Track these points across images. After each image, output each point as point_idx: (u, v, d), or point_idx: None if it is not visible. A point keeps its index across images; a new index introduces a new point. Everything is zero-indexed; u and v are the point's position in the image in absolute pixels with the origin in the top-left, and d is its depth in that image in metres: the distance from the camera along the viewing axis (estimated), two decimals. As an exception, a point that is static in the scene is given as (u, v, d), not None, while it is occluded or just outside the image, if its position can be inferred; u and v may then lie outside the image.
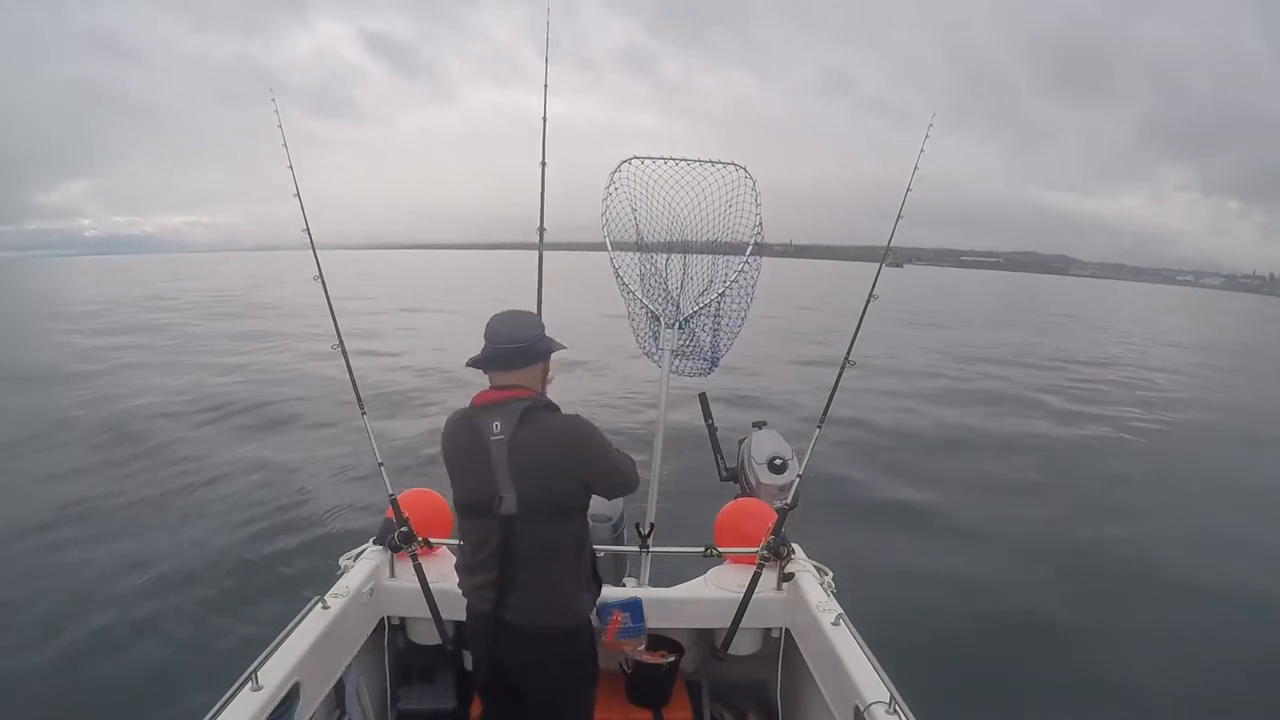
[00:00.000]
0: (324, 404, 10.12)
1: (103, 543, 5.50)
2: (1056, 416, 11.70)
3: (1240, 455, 10.18)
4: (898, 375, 14.27)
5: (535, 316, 2.08)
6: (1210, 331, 38.25)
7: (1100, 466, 9.01)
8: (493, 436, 1.87)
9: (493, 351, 1.94)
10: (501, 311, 2.03)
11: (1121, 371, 17.56)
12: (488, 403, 1.93)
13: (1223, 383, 17.31)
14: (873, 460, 8.52)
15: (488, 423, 1.89)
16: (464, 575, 2.04)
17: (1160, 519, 7.13)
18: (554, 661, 1.97)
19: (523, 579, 1.91)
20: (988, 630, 4.75)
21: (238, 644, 3.98)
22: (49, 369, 13.46)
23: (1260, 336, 36.34)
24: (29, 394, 11.21)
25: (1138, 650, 4.61)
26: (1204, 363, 21.41)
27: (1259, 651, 4.60)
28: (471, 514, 1.96)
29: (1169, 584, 5.59)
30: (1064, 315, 39.52)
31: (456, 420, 1.99)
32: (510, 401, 1.90)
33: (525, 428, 1.87)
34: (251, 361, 14.67)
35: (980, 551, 6.07)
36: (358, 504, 6.26)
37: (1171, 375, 17.83)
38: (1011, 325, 30.78)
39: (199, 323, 22.43)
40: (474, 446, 1.90)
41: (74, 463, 7.62)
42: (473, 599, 2.00)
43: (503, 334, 1.95)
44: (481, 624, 1.98)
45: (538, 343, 1.99)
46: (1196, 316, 54.50)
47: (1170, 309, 62.29)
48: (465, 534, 2.02)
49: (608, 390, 11.74)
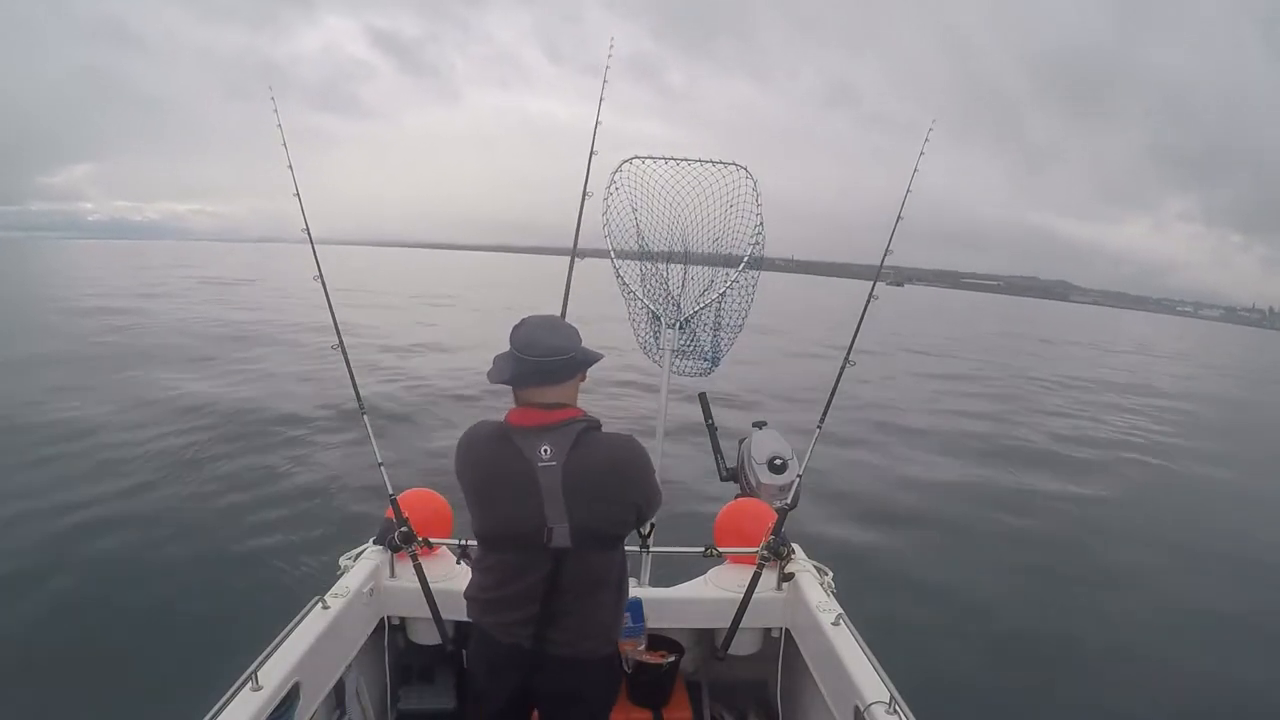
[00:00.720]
0: (324, 404, 10.12)
1: (101, 543, 5.49)
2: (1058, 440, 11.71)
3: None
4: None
5: (572, 325, 1.85)
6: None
7: (1108, 476, 9.02)
8: (541, 463, 1.68)
9: (536, 365, 1.70)
10: (534, 318, 1.79)
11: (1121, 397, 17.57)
12: (536, 425, 1.71)
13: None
14: (872, 466, 8.53)
15: (534, 447, 1.69)
16: (487, 610, 1.83)
17: (1161, 522, 7.14)
18: (593, 687, 1.87)
19: (566, 612, 1.75)
20: (989, 631, 4.76)
21: (238, 644, 3.97)
22: (39, 355, 13.40)
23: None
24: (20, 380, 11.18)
25: (1138, 651, 4.62)
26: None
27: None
28: (508, 547, 1.77)
29: (1168, 589, 5.60)
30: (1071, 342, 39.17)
31: (488, 439, 1.77)
32: (566, 424, 1.71)
33: (580, 452, 1.69)
34: (250, 361, 14.66)
35: (981, 552, 6.08)
36: (357, 504, 6.26)
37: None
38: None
39: (194, 309, 22.41)
40: (516, 473, 1.69)
41: (64, 457, 7.61)
42: (500, 634, 1.80)
43: (547, 345, 1.71)
44: (514, 657, 1.79)
45: (580, 353, 1.76)
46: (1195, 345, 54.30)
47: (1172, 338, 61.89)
48: (491, 567, 1.82)
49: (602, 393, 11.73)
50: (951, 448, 9.66)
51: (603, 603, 1.82)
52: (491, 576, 1.82)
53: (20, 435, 8.09)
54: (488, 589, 1.83)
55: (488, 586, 1.83)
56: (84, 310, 21.16)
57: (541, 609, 1.74)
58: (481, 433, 1.80)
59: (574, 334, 1.79)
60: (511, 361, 1.72)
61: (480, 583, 1.86)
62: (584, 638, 1.80)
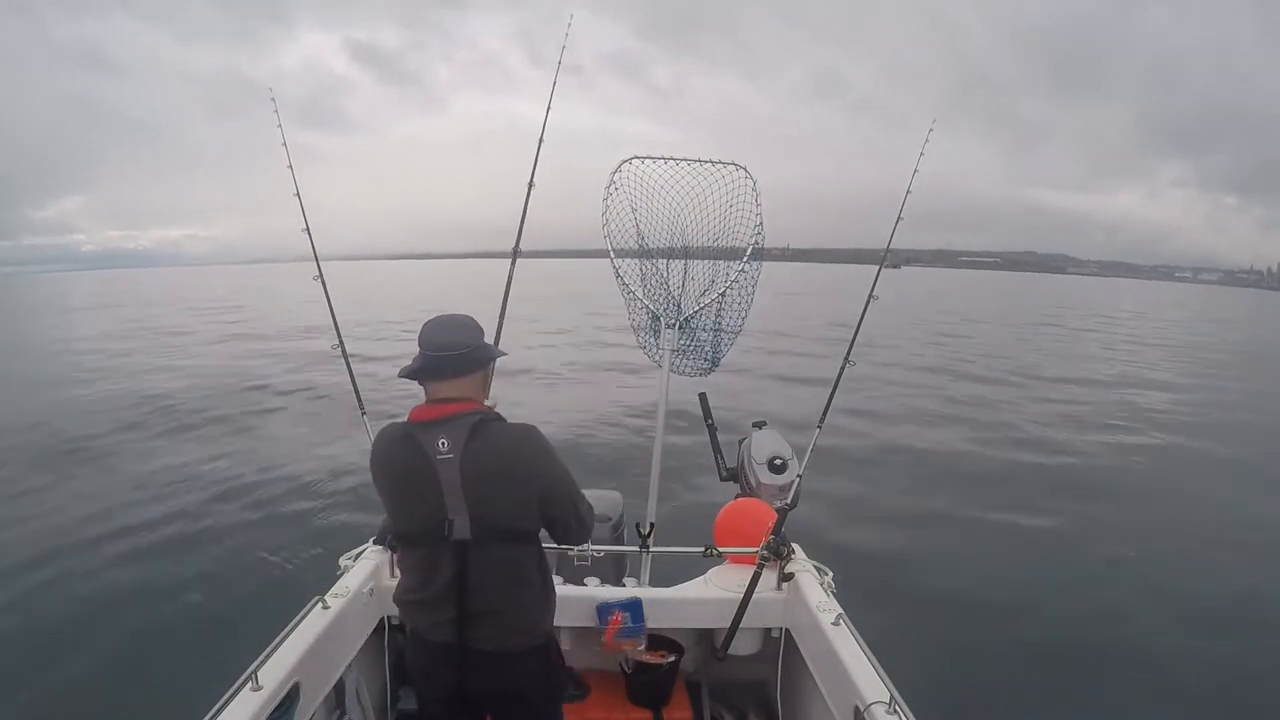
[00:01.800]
0: (324, 404, 10.13)
1: (100, 544, 5.49)
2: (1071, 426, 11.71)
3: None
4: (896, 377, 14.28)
5: (472, 320, 1.86)
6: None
7: (1107, 475, 9.01)
8: (439, 455, 1.70)
9: (429, 360, 1.75)
10: (436, 317, 1.85)
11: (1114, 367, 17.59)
12: (430, 419, 1.74)
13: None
14: (873, 463, 8.53)
15: (431, 440, 1.71)
16: (414, 611, 1.85)
17: (1167, 517, 7.14)
18: (528, 680, 1.86)
19: (485, 611, 1.76)
20: (989, 631, 4.76)
21: (238, 644, 3.98)
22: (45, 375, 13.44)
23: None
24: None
25: (1137, 653, 4.61)
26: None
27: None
28: (417, 543, 1.80)
29: (1168, 585, 5.59)
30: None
31: (391, 439, 1.80)
32: (457, 416, 1.73)
33: (476, 443, 1.71)
34: (250, 362, 14.68)
35: (980, 552, 6.08)
36: (358, 504, 6.26)
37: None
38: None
39: (196, 324, 22.45)
40: (418, 469, 1.72)
41: (61, 463, 7.62)
42: (428, 633, 1.83)
43: (439, 341, 1.76)
44: (443, 655, 1.81)
45: (478, 349, 1.80)
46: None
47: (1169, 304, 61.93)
48: (412, 566, 1.84)
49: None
50: (952, 448, 9.65)
51: (524, 604, 1.82)
52: (413, 576, 1.84)
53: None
54: (412, 590, 1.84)
55: (412, 587, 1.84)
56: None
57: (457, 611, 1.76)
58: (388, 434, 1.83)
59: (474, 330, 1.83)
60: (418, 358, 1.78)
61: (405, 584, 1.88)
62: (509, 634, 1.81)
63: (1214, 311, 49.52)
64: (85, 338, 21.19)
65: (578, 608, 2.47)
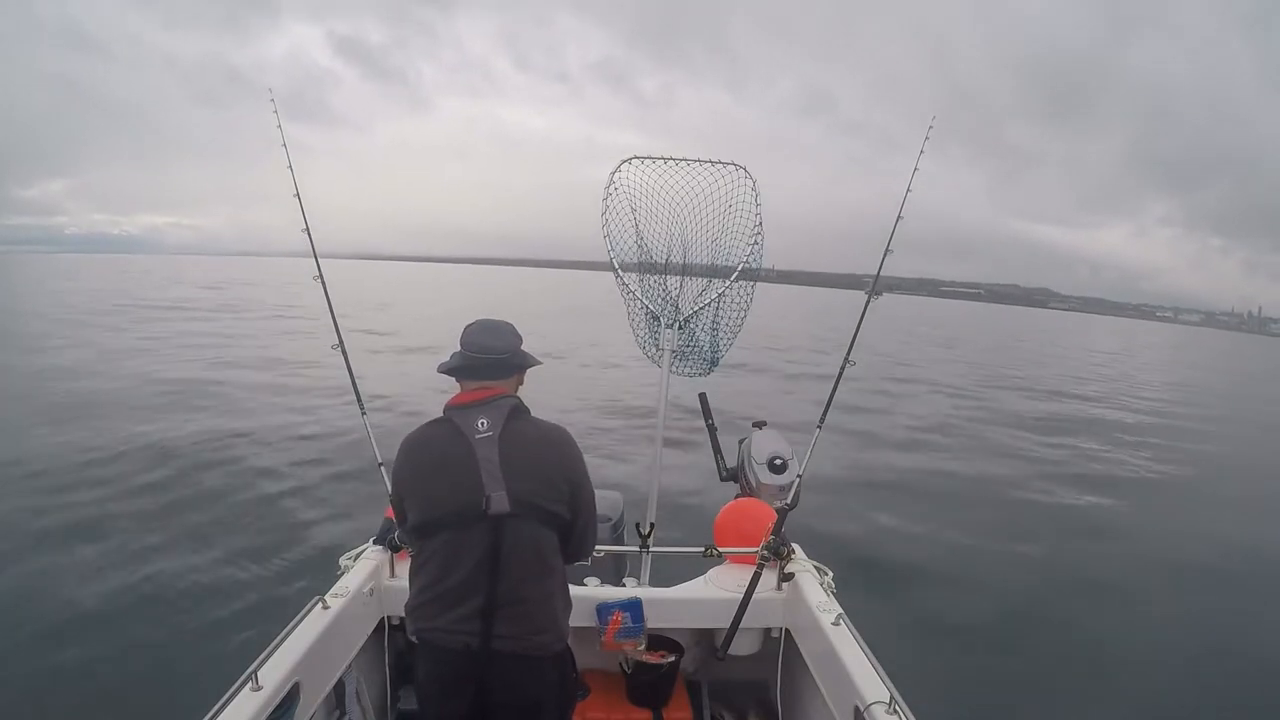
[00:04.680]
0: (324, 404, 10.13)
1: (99, 544, 5.49)
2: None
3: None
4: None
5: (512, 327, 1.97)
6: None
7: (1102, 479, 9.02)
8: (478, 434, 1.78)
9: (471, 361, 1.87)
10: (479, 320, 1.95)
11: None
12: (470, 401, 1.84)
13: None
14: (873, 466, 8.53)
15: (471, 421, 1.80)
16: (432, 611, 1.79)
17: (1168, 527, 7.14)
18: (547, 689, 1.82)
19: (513, 596, 1.75)
20: (989, 631, 4.76)
21: (238, 644, 3.98)
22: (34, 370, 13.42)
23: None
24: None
25: (1138, 653, 4.61)
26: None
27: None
28: (450, 524, 1.77)
29: (1169, 588, 5.60)
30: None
31: (426, 428, 1.88)
32: (497, 399, 1.84)
33: (515, 425, 1.81)
34: (248, 361, 14.67)
35: (981, 551, 6.08)
36: (357, 504, 6.26)
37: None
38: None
39: (193, 319, 22.44)
40: (454, 450, 1.78)
41: (59, 463, 7.61)
42: (446, 639, 1.76)
43: (482, 344, 1.88)
44: (465, 664, 1.74)
45: (515, 355, 1.91)
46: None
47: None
48: (431, 557, 1.79)
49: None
50: (952, 448, 9.66)
51: (547, 591, 1.82)
52: (432, 569, 1.80)
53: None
54: (429, 586, 1.80)
55: (429, 584, 1.80)
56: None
57: (485, 597, 1.73)
58: (420, 428, 1.91)
59: (514, 337, 1.95)
60: (457, 356, 1.90)
61: (421, 583, 1.83)
62: (533, 630, 1.78)
63: (1185, 355, 49.14)
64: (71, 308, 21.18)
65: (578, 608, 2.46)
